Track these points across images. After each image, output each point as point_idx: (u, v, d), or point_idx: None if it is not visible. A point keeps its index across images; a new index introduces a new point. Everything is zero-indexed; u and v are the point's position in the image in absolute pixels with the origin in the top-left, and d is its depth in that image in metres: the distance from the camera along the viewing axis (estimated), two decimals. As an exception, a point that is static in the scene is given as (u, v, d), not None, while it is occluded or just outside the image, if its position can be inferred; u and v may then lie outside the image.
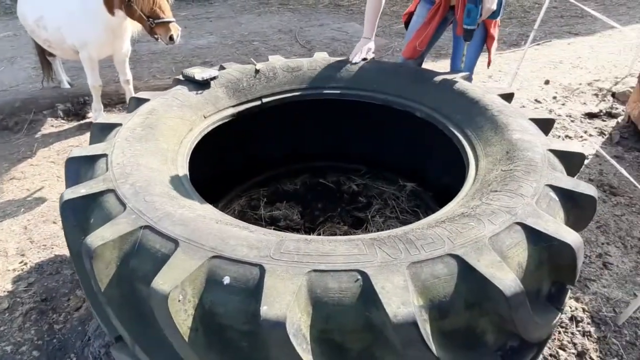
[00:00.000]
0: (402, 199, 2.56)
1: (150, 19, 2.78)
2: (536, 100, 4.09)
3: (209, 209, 1.40)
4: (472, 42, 2.54)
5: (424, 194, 2.53)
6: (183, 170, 1.66)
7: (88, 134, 3.54)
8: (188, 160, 1.78)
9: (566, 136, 3.49)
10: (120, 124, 1.77)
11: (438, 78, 2.22)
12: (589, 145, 3.33)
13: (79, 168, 1.54)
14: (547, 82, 4.51)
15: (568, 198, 1.41)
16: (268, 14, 7.04)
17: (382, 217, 2.41)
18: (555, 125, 3.66)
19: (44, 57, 3.80)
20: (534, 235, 1.23)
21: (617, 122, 3.60)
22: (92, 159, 1.54)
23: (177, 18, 2.97)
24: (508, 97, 2.14)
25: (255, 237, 1.18)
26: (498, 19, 2.28)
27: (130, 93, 3.61)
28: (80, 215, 1.34)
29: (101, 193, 1.37)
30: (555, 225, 1.25)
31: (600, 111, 3.80)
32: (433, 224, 1.27)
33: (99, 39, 3.02)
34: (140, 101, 2.00)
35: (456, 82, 2.15)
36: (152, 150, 1.63)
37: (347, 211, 2.46)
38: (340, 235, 2.29)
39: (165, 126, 1.82)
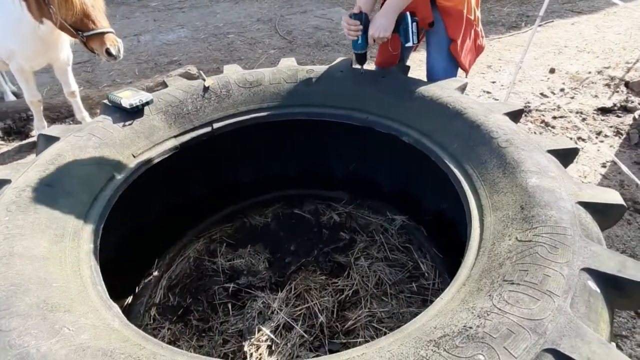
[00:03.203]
0: (392, 232, 2.15)
1: (79, 32, 2.28)
2: (542, 94, 3.63)
3: (103, 327, 0.98)
4: (437, 45, 2.06)
5: (415, 228, 2.12)
6: (87, 247, 1.24)
7: (30, 157, 3.08)
8: (102, 226, 1.35)
9: (578, 138, 3.05)
10: (8, 181, 1.34)
11: (429, 91, 1.78)
12: (606, 149, 2.91)
13: None
14: (552, 71, 4.05)
15: (612, 286, 1.00)
16: (246, 2, 6.51)
17: (367, 260, 2.00)
18: (566, 124, 3.22)
19: (-23, 67, 3.32)
20: (573, 370, 0.82)
21: (634, 119, 3.16)
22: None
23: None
24: (516, 115, 1.71)
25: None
26: (410, 45, 1.86)
27: (77, 106, 3.15)
28: None
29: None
30: (604, 350, 0.84)
31: (615, 105, 3.36)
32: (414, 352, 0.86)
33: (27, 49, 2.54)
34: (49, 141, 1.57)
35: (451, 97, 1.71)
36: (41, 223, 1.21)
37: (326, 254, 2.04)
38: (316, 288, 1.88)
39: (71, 180, 1.39)
